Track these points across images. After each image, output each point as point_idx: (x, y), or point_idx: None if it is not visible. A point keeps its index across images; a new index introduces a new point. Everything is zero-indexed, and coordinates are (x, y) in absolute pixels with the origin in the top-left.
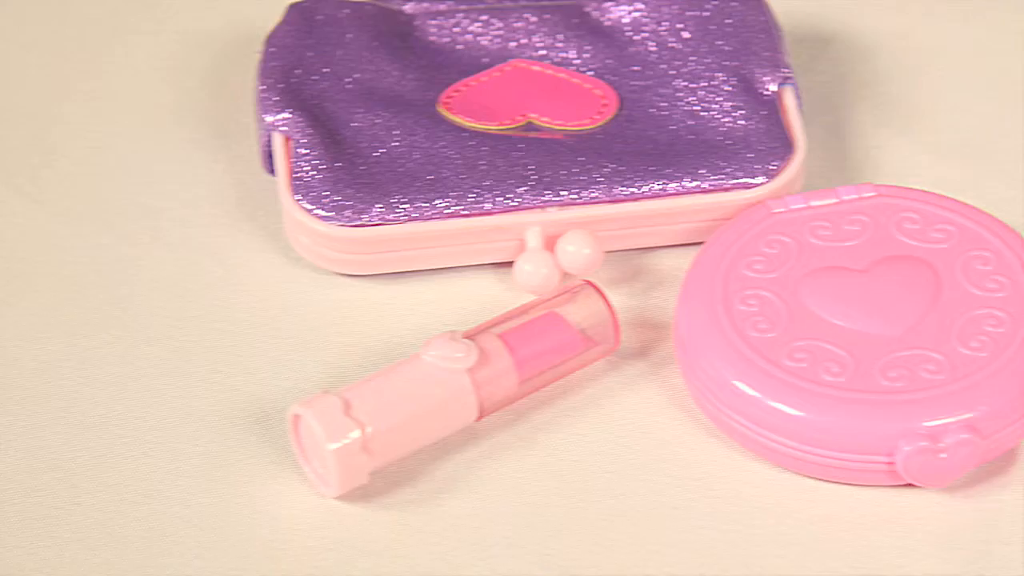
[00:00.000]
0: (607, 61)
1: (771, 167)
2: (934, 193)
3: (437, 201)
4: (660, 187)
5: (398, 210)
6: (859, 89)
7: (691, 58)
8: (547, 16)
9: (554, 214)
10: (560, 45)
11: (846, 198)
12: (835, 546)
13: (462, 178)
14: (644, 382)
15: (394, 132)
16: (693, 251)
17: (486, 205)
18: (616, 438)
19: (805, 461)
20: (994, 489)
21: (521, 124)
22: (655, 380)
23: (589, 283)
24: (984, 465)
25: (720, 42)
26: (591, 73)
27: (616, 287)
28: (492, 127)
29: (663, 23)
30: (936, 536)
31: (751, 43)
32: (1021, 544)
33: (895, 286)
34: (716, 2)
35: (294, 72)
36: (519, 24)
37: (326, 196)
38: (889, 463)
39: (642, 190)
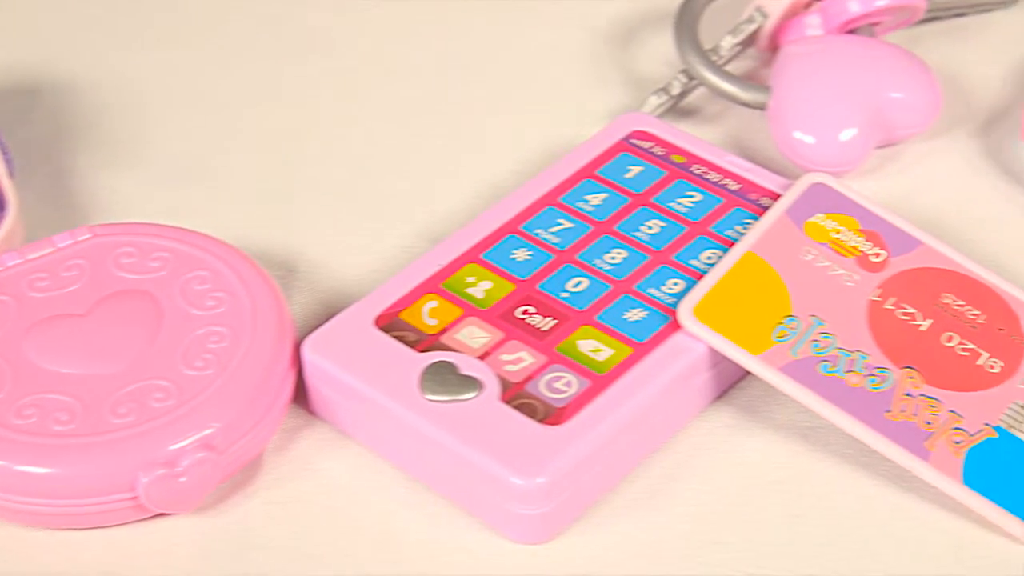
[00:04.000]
0: None
1: None
2: (147, 224)
3: None
4: None
5: None
6: (79, 133)
7: None
8: None
9: None
10: None
11: (61, 245)
12: None
13: None
14: None
15: None
16: None
17: None
18: None
19: (56, 515)
20: (242, 500)
21: None
22: None
23: None
24: (230, 480)
25: None
26: None
27: None
28: None
29: None
30: (196, 557)
31: None
32: (275, 548)
33: (116, 323)
34: None
35: None
36: None
37: None
38: (134, 498)
39: None
